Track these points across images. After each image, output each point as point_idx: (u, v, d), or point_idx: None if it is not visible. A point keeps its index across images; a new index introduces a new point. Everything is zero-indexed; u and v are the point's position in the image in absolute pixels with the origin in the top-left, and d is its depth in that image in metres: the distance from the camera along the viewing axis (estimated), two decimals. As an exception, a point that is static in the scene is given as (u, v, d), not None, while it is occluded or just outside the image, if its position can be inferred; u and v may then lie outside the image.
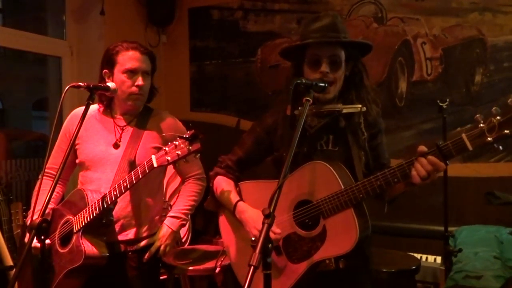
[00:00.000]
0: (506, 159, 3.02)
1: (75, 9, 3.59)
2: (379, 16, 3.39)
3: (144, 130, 1.97)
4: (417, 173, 1.41)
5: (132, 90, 1.91)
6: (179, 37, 4.19)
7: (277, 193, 1.26)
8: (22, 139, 4.26)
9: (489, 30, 3.06)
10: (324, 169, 1.57)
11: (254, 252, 1.14)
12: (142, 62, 1.92)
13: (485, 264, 2.32)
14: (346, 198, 1.50)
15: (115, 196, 1.74)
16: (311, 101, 1.48)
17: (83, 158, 1.98)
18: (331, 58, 1.60)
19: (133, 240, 1.97)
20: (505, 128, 1.26)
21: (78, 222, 1.83)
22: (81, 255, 1.77)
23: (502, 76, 3.05)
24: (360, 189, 1.48)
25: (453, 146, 1.35)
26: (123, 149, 1.94)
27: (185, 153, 1.58)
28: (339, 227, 1.53)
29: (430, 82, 3.24)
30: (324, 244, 1.56)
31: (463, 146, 1.33)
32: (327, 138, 1.67)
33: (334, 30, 1.60)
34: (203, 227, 3.73)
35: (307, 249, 1.59)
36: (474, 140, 1.31)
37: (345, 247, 1.50)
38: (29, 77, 4.76)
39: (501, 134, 1.27)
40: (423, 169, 1.39)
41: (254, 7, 3.88)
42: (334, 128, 1.65)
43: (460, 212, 3.06)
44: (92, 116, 2.02)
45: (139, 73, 1.91)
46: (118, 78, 1.91)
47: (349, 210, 1.50)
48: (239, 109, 3.95)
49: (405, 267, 2.49)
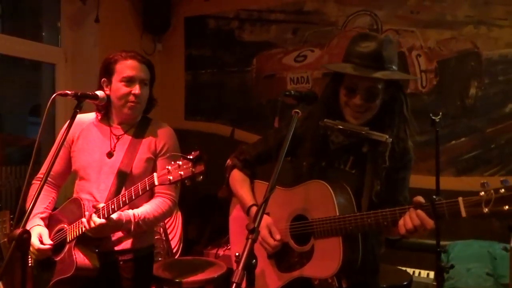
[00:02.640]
0: (501, 173, 3.00)
1: (70, 16, 3.58)
2: (374, 28, 3.39)
3: (141, 140, 1.95)
4: (404, 223, 1.34)
5: (128, 98, 1.90)
6: (175, 45, 4.19)
7: (262, 208, 1.24)
8: (16, 145, 4.23)
9: (484, 44, 3.06)
10: (325, 190, 1.54)
11: (237, 268, 1.11)
12: (139, 71, 1.91)
13: (477, 280, 2.29)
14: (337, 226, 1.48)
15: (112, 210, 1.71)
16: (300, 113, 1.46)
17: (77, 166, 1.97)
18: (369, 90, 1.52)
19: (127, 250, 1.93)
20: (506, 204, 1.15)
21: (72, 232, 1.80)
22: (72, 266, 1.74)
23: (497, 89, 3.04)
24: (351, 222, 1.45)
25: (447, 206, 1.26)
26: (117, 159, 1.92)
27: (188, 174, 1.54)
28: (325, 252, 1.53)
29: (424, 95, 3.23)
30: (309, 263, 1.56)
31: (457, 211, 1.24)
32: (347, 158, 1.63)
33: (378, 59, 1.48)
34: (196, 237, 3.70)
35: (294, 262, 1.61)
36: (470, 208, 1.21)
37: (325, 272, 1.50)
38: (25, 82, 4.74)
39: (498, 210, 1.16)
40: (411, 222, 1.32)
41: (250, 17, 3.88)
42: (356, 150, 1.60)
43: (453, 226, 3.03)
44: (90, 124, 2.01)
45: (136, 82, 1.90)
46: (115, 86, 1.90)
47: (337, 238, 1.49)
48: (234, 119, 3.93)
49: (397, 283, 2.46)
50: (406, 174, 1.61)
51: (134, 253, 1.95)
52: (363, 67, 1.48)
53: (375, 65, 1.48)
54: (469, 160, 3.10)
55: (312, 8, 3.61)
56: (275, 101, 1.85)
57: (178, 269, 2.72)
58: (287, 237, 1.65)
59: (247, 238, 1.17)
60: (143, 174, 1.89)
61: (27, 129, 5.65)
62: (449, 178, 3.01)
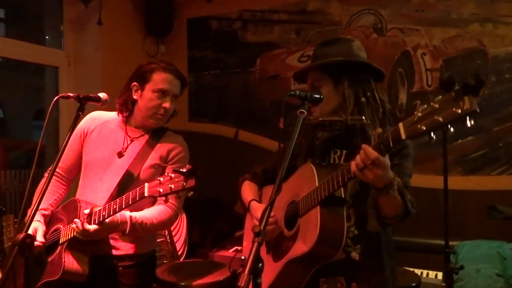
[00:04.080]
0: (509, 172, 2.97)
1: (72, 19, 3.58)
2: (378, 27, 3.36)
3: (154, 147, 1.96)
4: (354, 162, 1.33)
5: (158, 111, 1.93)
6: (178, 47, 4.18)
7: (269, 210, 1.21)
8: (20, 149, 4.23)
9: (490, 41, 3.02)
10: (309, 170, 1.58)
11: (243, 272, 1.08)
12: (174, 86, 1.95)
13: (487, 282, 2.25)
14: (314, 196, 1.48)
15: (102, 217, 1.69)
16: (305, 113, 1.44)
17: (86, 160, 1.97)
18: (313, 84, 1.68)
19: (126, 256, 1.91)
20: (438, 115, 1.10)
21: (65, 233, 1.79)
22: (59, 269, 1.72)
23: (503, 87, 3.01)
24: (324, 187, 1.44)
25: (391, 134, 1.24)
26: (126, 160, 1.91)
27: (178, 188, 1.52)
28: (307, 226, 1.50)
29: (430, 93, 3.20)
30: (295, 243, 1.53)
31: (398, 134, 1.21)
32: (340, 153, 1.66)
33: (318, 55, 1.68)
34: (200, 240, 3.68)
35: (284, 248, 1.60)
36: (409, 128, 1.18)
37: (304, 246, 1.46)
38: (29, 86, 4.76)
39: (433, 122, 1.11)
40: (359, 157, 1.32)
41: (253, 17, 3.86)
42: (348, 144, 1.62)
43: (462, 227, 2.99)
44: (107, 122, 2.02)
45: (169, 96, 1.93)
46: (147, 95, 1.92)
47: (315, 209, 1.47)
48: (238, 120, 3.91)
49: (405, 284, 2.42)
50: (402, 161, 1.57)
51: (135, 258, 1.92)
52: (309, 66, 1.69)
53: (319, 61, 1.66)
54: (476, 159, 3.06)
55: (315, 8, 3.59)
56: (279, 101, 1.86)
57: (183, 272, 2.70)
58: (282, 225, 1.66)
59: (253, 241, 1.15)
60: (150, 180, 1.87)
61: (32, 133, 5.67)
62: (456, 177, 2.98)
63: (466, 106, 1.05)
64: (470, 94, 1.04)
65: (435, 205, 3.05)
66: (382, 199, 1.41)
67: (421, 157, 3.19)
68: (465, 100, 1.05)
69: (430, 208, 3.09)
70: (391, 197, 1.39)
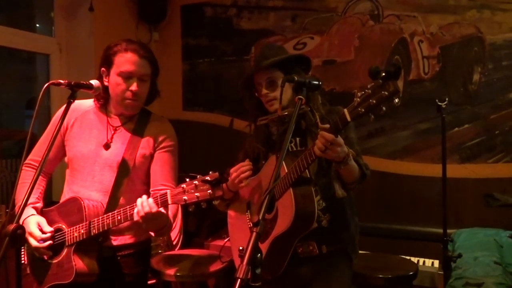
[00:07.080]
0: (505, 160, 2.96)
1: (63, 5, 3.50)
2: (375, 14, 3.32)
3: (142, 136, 1.89)
4: (316, 147, 1.51)
5: (125, 95, 1.83)
6: (171, 34, 4.10)
7: (267, 199, 1.19)
8: (12, 138, 4.17)
9: (488, 28, 2.99)
10: (274, 159, 1.79)
11: (241, 263, 1.06)
12: (139, 66, 1.81)
13: (486, 270, 2.24)
14: (286, 181, 1.66)
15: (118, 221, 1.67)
16: (303, 99, 1.42)
17: (71, 155, 1.89)
18: (267, 80, 1.83)
19: (125, 245, 1.88)
20: (372, 98, 1.33)
21: (72, 236, 1.73)
22: (71, 272, 1.68)
23: (501, 75, 2.99)
24: (293, 171, 1.63)
25: (340, 119, 1.44)
26: (114, 151, 1.85)
27: (205, 197, 1.50)
28: (284, 206, 1.69)
29: (427, 81, 3.17)
30: (277, 223, 1.73)
31: (345, 118, 1.42)
32: (295, 141, 1.85)
33: (265, 57, 1.84)
34: (195, 229, 3.66)
35: (268, 229, 1.76)
36: (352, 112, 1.39)
37: (284, 224, 1.66)
38: (21, 75, 4.68)
39: (369, 105, 1.34)
40: (319, 142, 1.50)
41: (248, 4, 3.80)
42: (298, 130, 1.81)
43: (458, 214, 2.99)
44: (86, 112, 1.93)
45: (134, 78, 1.81)
46: (113, 79, 1.82)
47: (289, 191, 1.66)
48: (233, 109, 3.86)
49: (402, 273, 2.41)
50: (346, 133, 1.76)
51: (132, 247, 1.89)
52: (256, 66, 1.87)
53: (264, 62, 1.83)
54: (472, 147, 3.05)
55: (311, -6, 3.54)
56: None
57: (179, 262, 2.68)
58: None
59: (251, 231, 1.12)
60: (144, 170, 1.88)
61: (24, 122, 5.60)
62: (453, 165, 2.96)
63: (391, 88, 1.28)
64: (393, 78, 1.28)
65: (432, 193, 3.05)
66: (343, 169, 1.61)
67: (418, 146, 3.17)
68: (389, 84, 1.28)
69: (427, 196, 3.09)
70: (350, 166, 1.60)
